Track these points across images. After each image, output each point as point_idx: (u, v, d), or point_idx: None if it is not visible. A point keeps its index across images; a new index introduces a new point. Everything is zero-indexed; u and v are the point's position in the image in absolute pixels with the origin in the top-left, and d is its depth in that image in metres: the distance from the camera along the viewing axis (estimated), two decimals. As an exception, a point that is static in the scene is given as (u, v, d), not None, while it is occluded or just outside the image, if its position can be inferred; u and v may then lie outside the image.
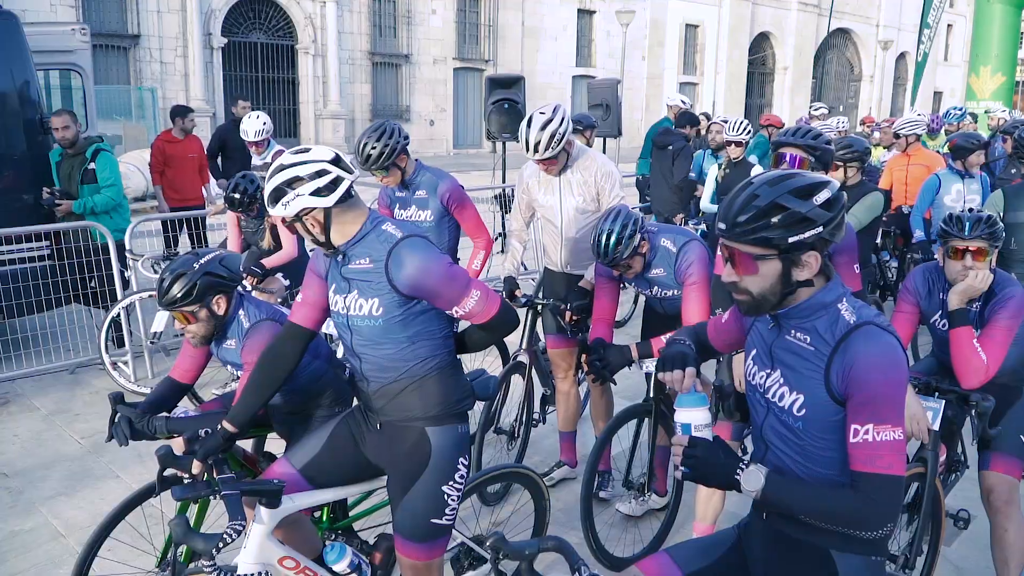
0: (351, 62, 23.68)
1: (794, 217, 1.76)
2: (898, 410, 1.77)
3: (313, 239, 2.35)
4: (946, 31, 43.35)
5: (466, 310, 2.35)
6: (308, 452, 2.57)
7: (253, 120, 6.48)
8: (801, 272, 1.82)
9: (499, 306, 2.41)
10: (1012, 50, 24.46)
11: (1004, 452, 3.19)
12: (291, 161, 2.28)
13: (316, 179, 2.27)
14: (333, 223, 2.31)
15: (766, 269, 1.82)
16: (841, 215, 1.81)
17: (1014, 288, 3.05)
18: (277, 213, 2.28)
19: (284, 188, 2.25)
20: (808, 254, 1.80)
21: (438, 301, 2.33)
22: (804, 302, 1.88)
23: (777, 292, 1.85)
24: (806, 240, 1.77)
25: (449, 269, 2.32)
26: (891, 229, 7.10)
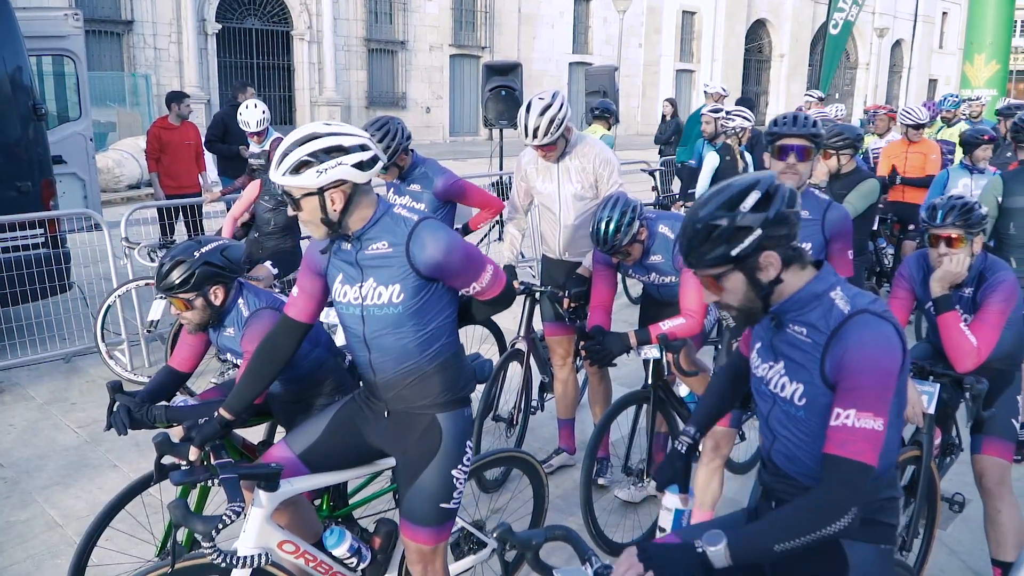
0: (347, 48, 23.57)
1: (728, 231, 1.81)
2: (883, 399, 1.76)
3: (322, 219, 2.24)
4: (941, 19, 43.32)
5: (482, 286, 2.39)
6: (308, 437, 2.57)
7: (253, 111, 6.41)
8: (766, 273, 1.86)
9: (505, 284, 2.47)
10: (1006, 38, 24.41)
11: (996, 435, 3.24)
12: (329, 131, 2.22)
13: (360, 152, 2.23)
14: (354, 203, 2.27)
15: (731, 284, 1.87)
16: (781, 208, 1.82)
17: (1005, 273, 3.09)
18: (304, 182, 2.18)
19: (322, 155, 2.18)
20: (763, 256, 1.83)
21: (457, 280, 2.34)
22: (795, 295, 1.90)
23: (754, 298, 1.89)
24: (749, 247, 1.81)
25: (467, 248, 2.34)
26: (887, 216, 7.11)
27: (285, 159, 2.19)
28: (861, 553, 1.92)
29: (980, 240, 3.12)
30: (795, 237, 1.87)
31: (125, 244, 5.91)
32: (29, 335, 5.99)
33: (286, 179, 2.20)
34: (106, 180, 13.71)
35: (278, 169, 2.21)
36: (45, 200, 6.28)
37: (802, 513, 1.76)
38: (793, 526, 1.74)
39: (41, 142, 6.32)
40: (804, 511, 1.76)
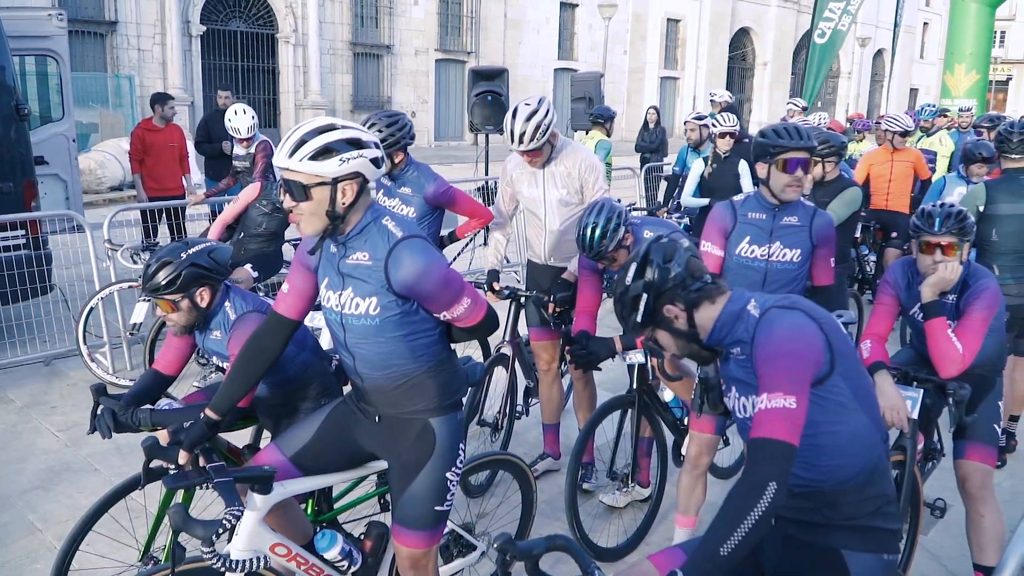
0: (332, 52, 23.52)
1: (629, 302, 2.11)
2: (791, 378, 1.83)
3: (328, 211, 2.21)
4: (922, 29, 43.83)
5: (454, 315, 2.35)
6: (299, 440, 2.56)
7: (243, 117, 6.35)
8: (678, 322, 2.08)
9: (485, 313, 2.42)
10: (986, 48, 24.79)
11: (979, 441, 3.27)
12: (344, 124, 2.22)
13: (375, 148, 2.25)
14: (360, 200, 2.26)
15: (663, 340, 2.13)
16: (657, 268, 2.08)
17: (988, 280, 3.13)
18: (324, 169, 2.15)
19: (345, 145, 2.18)
20: (665, 311, 2.07)
21: (430, 304, 2.31)
22: (717, 324, 2.06)
23: (686, 344, 2.11)
24: (646, 311, 2.07)
25: (446, 275, 2.29)
26: (870, 224, 7.17)
27: (305, 145, 2.16)
28: (863, 564, 1.93)
29: (969, 247, 3.16)
30: (688, 283, 2.07)
31: (108, 246, 5.86)
32: (9, 337, 5.93)
33: (304, 164, 2.16)
34: (88, 181, 13.61)
35: (295, 154, 2.16)
36: (27, 201, 6.22)
37: (729, 504, 1.80)
38: (726, 520, 1.77)
39: (23, 143, 6.26)
40: (731, 500, 1.80)
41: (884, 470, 2.04)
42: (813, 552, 1.97)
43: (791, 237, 3.42)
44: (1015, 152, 4.55)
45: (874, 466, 1.97)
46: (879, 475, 2.00)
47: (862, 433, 1.95)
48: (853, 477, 1.96)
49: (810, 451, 1.91)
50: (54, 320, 6.22)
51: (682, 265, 2.09)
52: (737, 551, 1.73)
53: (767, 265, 3.45)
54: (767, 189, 3.40)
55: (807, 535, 1.97)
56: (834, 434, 1.92)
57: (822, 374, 1.90)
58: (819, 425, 1.90)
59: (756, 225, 3.46)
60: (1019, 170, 4.56)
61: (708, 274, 2.13)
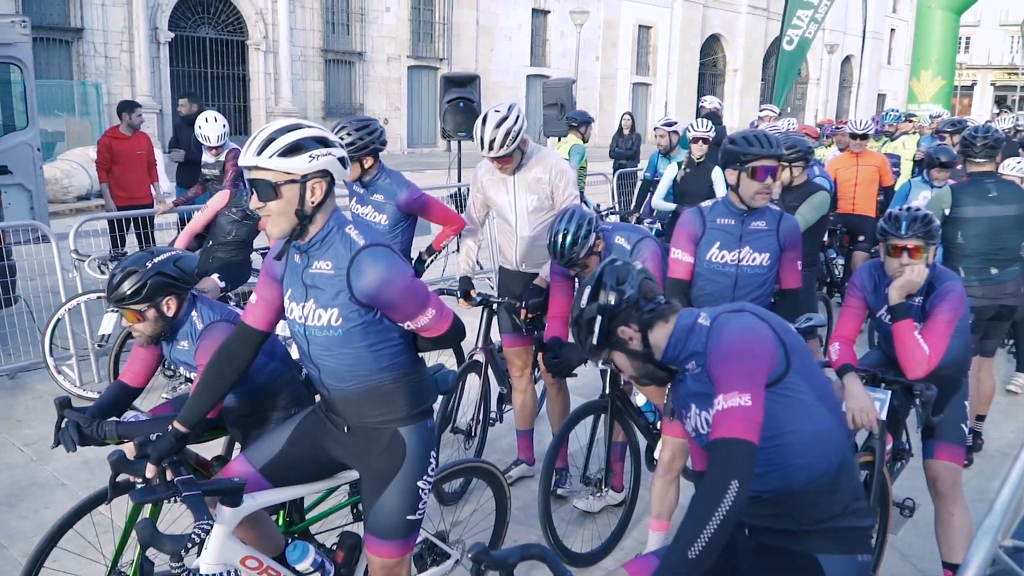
0: (303, 59, 23.41)
1: (585, 325, 2.15)
2: (744, 377, 1.86)
3: (297, 210, 2.21)
4: (889, 35, 44.53)
5: (419, 326, 2.34)
6: (269, 451, 2.53)
7: (213, 125, 6.27)
8: (633, 343, 2.12)
9: (450, 323, 2.40)
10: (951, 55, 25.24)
11: (947, 441, 3.32)
12: (311, 124, 2.24)
13: (341, 149, 2.27)
14: (328, 200, 2.25)
15: (620, 362, 2.17)
16: (610, 291, 2.13)
17: (953, 283, 3.18)
18: (293, 166, 2.16)
19: (313, 142, 2.18)
20: (620, 332, 2.11)
21: (393, 314, 2.29)
22: (671, 342, 2.09)
23: (642, 365, 2.14)
24: (601, 333, 2.11)
25: (410, 284, 2.28)
26: (837, 227, 7.25)
27: (273, 143, 2.16)
28: (838, 567, 1.95)
29: (935, 250, 3.21)
30: (641, 304, 2.11)
31: (74, 256, 5.77)
32: (-28, 350, 5.81)
33: (273, 161, 2.15)
34: (54, 191, 13.40)
35: (264, 152, 2.15)
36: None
37: (694, 507, 1.81)
38: (692, 523, 1.78)
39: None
40: (695, 503, 1.81)
41: (851, 466, 2.06)
42: (788, 559, 1.98)
43: (760, 242, 3.46)
44: (979, 156, 4.63)
45: (841, 462, 1.99)
46: (846, 472, 2.02)
47: (827, 430, 1.97)
48: (822, 476, 1.97)
49: (776, 452, 1.92)
50: (19, 332, 6.10)
51: (635, 287, 2.13)
52: (706, 553, 1.73)
53: (737, 270, 3.48)
54: (736, 195, 3.44)
55: (781, 542, 1.98)
56: (799, 432, 1.94)
57: (779, 372, 1.92)
58: (784, 425, 1.91)
59: (725, 231, 3.49)
60: (984, 174, 4.64)
61: (661, 295, 2.18)
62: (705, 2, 33.93)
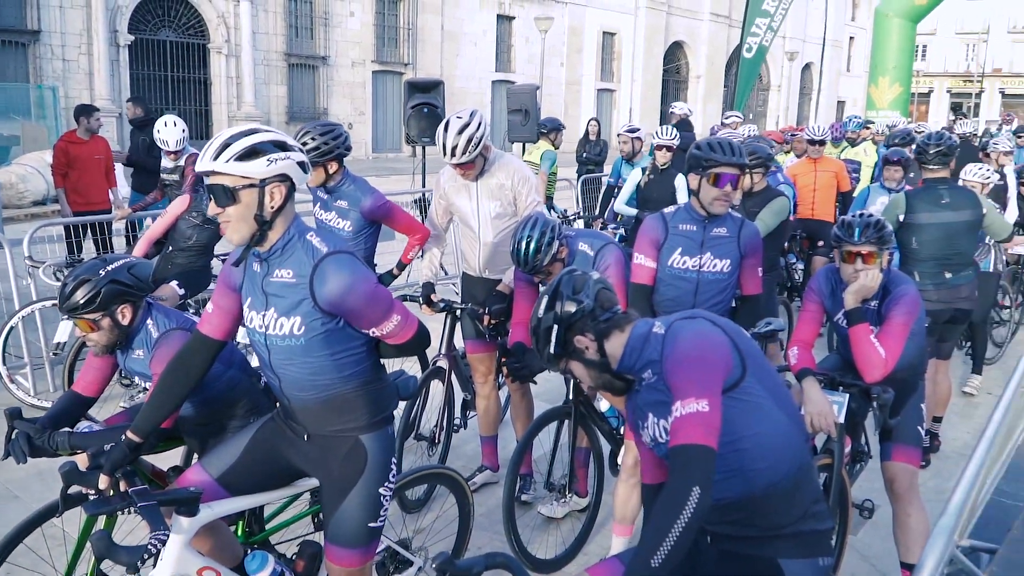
0: (266, 63, 23.17)
1: (542, 335, 2.16)
2: (701, 382, 1.88)
3: (256, 215, 2.18)
4: (848, 43, 45.33)
5: (384, 332, 2.33)
6: (226, 459, 2.49)
7: (172, 129, 6.17)
8: (589, 353, 2.13)
9: (415, 330, 2.40)
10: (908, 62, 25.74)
11: (904, 443, 3.37)
12: (269, 128, 2.23)
13: (300, 153, 2.25)
14: (287, 206, 2.23)
15: (577, 371, 2.19)
16: (566, 301, 2.14)
17: (907, 286, 3.24)
18: (251, 170, 2.13)
19: (271, 146, 2.17)
20: (576, 341, 2.13)
21: (358, 321, 2.28)
22: (627, 350, 2.10)
23: (598, 374, 2.15)
24: (558, 342, 2.13)
25: (374, 291, 2.26)
26: (797, 232, 7.36)
27: (230, 147, 2.14)
28: (800, 570, 1.96)
29: (888, 255, 3.27)
30: (598, 313, 2.12)
31: (29, 263, 5.64)
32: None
33: (230, 165, 2.13)
34: (9, 196, 13.12)
35: (221, 156, 2.13)
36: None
37: (655, 514, 1.81)
38: (654, 531, 1.78)
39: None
40: (656, 511, 1.82)
41: (810, 470, 2.08)
42: (750, 564, 2.00)
43: (721, 248, 3.49)
44: (932, 163, 4.72)
45: (799, 466, 2.00)
46: (805, 475, 2.04)
47: (784, 433, 1.99)
48: (781, 479, 1.98)
49: (735, 457, 1.93)
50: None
51: (591, 297, 2.15)
52: (668, 560, 1.74)
53: (698, 276, 3.51)
54: (697, 201, 3.47)
55: (743, 549, 1.99)
56: (757, 436, 1.95)
57: (735, 377, 1.93)
58: (741, 430, 1.93)
59: (687, 237, 3.52)
60: (938, 180, 4.73)
61: (618, 304, 2.20)
62: (668, 9, 34.26)
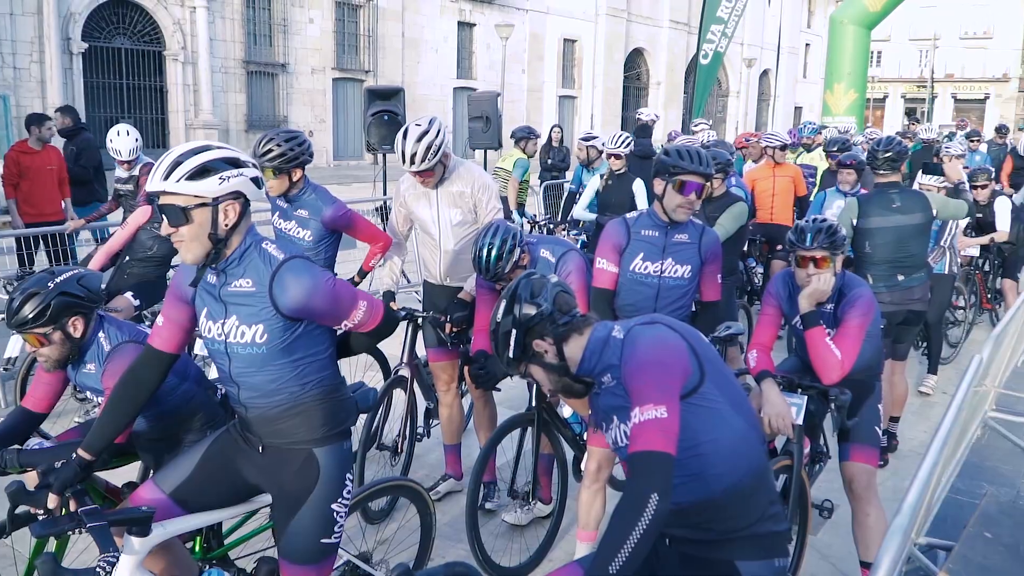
0: (224, 70, 22.90)
1: (501, 338, 2.16)
2: (660, 389, 1.89)
3: (210, 234, 2.16)
4: (804, 50, 46.12)
5: (355, 322, 2.35)
6: (179, 474, 2.45)
7: (125, 139, 6.04)
8: (548, 356, 2.13)
9: (382, 315, 2.43)
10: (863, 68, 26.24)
11: (862, 443, 3.42)
12: (220, 145, 2.20)
13: (254, 168, 2.22)
14: (243, 221, 2.21)
15: (537, 375, 2.19)
16: (524, 305, 2.14)
17: (862, 289, 3.30)
18: (203, 189, 2.11)
19: (223, 164, 2.14)
20: (535, 345, 2.13)
21: (327, 319, 2.29)
22: (586, 354, 2.11)
23: (558, 378, 2.15)
24: (517, 346, 2.13)
25: (335, 287, 2.27)
26: (756, 237, 7.45)
27: (180, 166, 2.11)
28: (756, 571, 1.98)
29: (841, 259, 3.32)
30: (556, 317, 2.12)
31: (-23, 276, 5.51)
32: None
33: (181, 185, 2.10)
34: (-42, 207, 12.77)
35: (171, 176, 2.10)
36: None
37: (615, 520, 1.82)
38: (613, 537, 1.79)
39: None
40: (616, 517, 1.83)
41: (766, 472, 2.10)
42: (708, 567, 2.01)
43: (682, 254, 3.53)
44: (882, 168, 4.81)
45: (756, 470, 2.03)
46: (762, 478, 2.06)
47: (742, 438, 2.01)
48: (738, 483, 2.01)
49: (694, 462, 1.95)
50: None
51: (549, 300, 2.16)
52: (627, 566, 1.75)
53: (660, 281, 3.54)
54: (660, 207, 3.49)
55: (701, 551, 2.01)
56: (715, 441, 1.97)
57: (693, 383, 1.95)
58: (699, 435, 1.94)
59: (649, 242, 3.55)
60: (889, 185, 4.82)
61: (576, 308, 2.20)
62: (628, 17, 34.56)
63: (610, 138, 6.86)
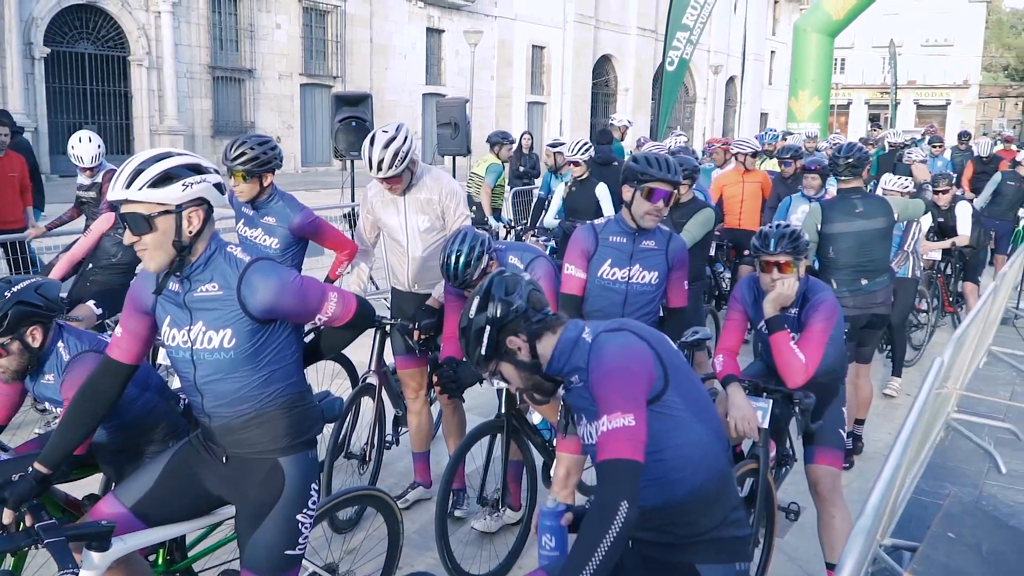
0: (190, 76, 22.65)
1: (473, 336, 2.15)
2: (627, 397, 1.91)
3: (175, 241, 2.14)
4: (770, 57, 46.73)
5: (328, 315, 2.34)
6: (140, 487, 2.40)
7: (87, 145, 5.92)
8: (521, 354, 2.13)
9: (356, 305, 2.43)
10: (826, 75, 26.65)
11: (827, 446, 3.45)
12: (181, 151, 2.19)
13: (216, 174, 2.21)
14: (207, 228, 2.20)
15: (507, 372, 2.18)
16: (500, 302, 2.13)
17: (825, 293, 3.35)
18: (167, 196, 2.09)
19: (185, 170, 2.12)
20: (509, 342, 2.13)
21: (300, 317, 2.29)
22: (555, 353, 2.12)
23: (529, 376, 2.16)
24: (490, 343, 2.12)
25: (302, 284, 2.27)
26: (723, 242, 7.52)
27: (142, 174, 2.09)
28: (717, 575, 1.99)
29: (805, 264, 3.37)
30: (530, 314, 2.13)
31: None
32: None
33: (144, 193, 2.08)
34: (-85, 215, 12.47)
35: (134, 184, 2.08)
36: None
37: (585, 528, 1.84)
38: (584, 545, 1.81)
39: None
40: (586, 525, 1.84)
41: (728, 478, 2.13)
42: (670, 570, 2.03)
43: (649, 260, 3.55)
44: (843, 174, 4.88)
45: (718, 475, 2.05)
46: (724, 484, 2.08)
47: (703, 444, 2.03)
48: (699, 488, 2.04)
49: (656, 467, 1.97)
50: None
51: (523, 297, 2.16)
52: (598, 573, 1.75)
53: (627, 287, 3.56)
54: (628, 213, 3.51)
55: (663, 555, 2.03)
56: (678, 447, 2.00)
57: (657, 390, 1.97)
58: (663, 441, 1.97)
59: (617, 248, 3.57)
60: (851, 190, 4.89)
61: (548, 306, 2.21)
62: (596, 24, 34.78)
63: (570, 145, 6.92)
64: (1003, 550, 2.94)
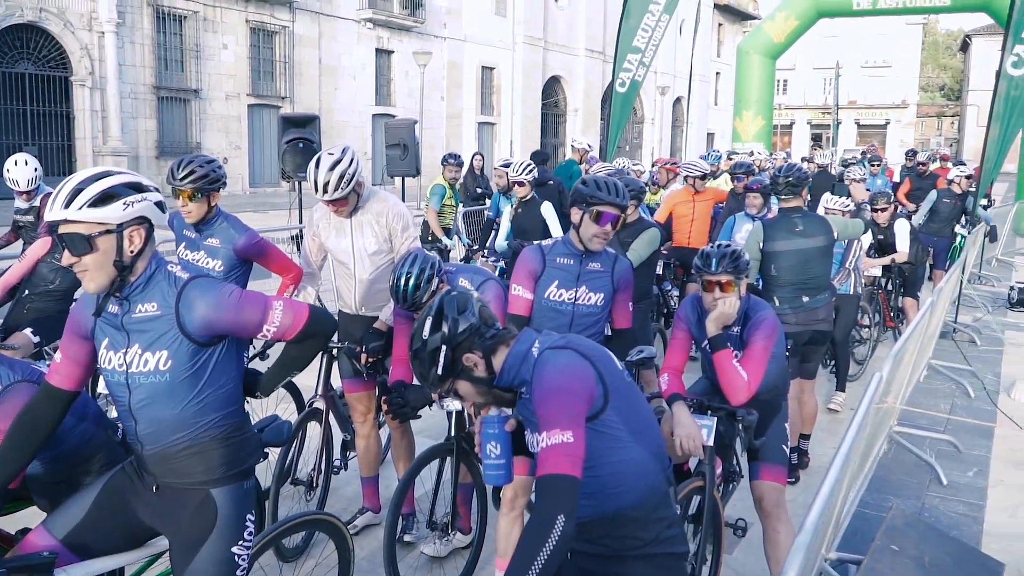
0: (134, 96, 22.27)
1: (427, 356, 2.15)
2: (567, 414, 1.96)
3: (116, 261, 2.11)
4: (715, 78, 47.74)
5: (276, 325, 2.26)
6: (71, 518, 2.33)
7: (24, 169, 5.78)
8: (478, 370, 2.16)
9: (308, 311, 2.34)
10: (769, 96, 27.31)
11: (770, 462, 3.51)
12: (121, 171, 2.15)
13: (157, 192, 2.18)
14: (148, 247, 2.17)
15: (463, 389, 2.18)
16: (452, 321, 2.14)
17: (766, 312, 3.42)
18: (107, 215, 2.06)
19: (126, 189, 2.09)
20: (465, 359, 2.14)
21: (243, 330, 2.23)
22: (505, 366, 2.15)
23: (487, 390, 2.17)
24: (447, 362, 2.13)
25: (241, 297, 2.22)
26: (671, 260, 7.63)
27: (82, 193, 2.05)
28: None
29: (746, 283, 3.43)
30: (483, 330, 2.15)
31: None
32: None
33: (84, 212, 2.04)
34: None
35: (73, 203, 2.04)
36: None
37: (523, 542, 1.87)
38: (522, 558, 1.84)
39: None
40: (524, 539, 1.88)
41: (664, 496, 2.17)
42: None
43: (596, 282, 3.58)
44: (783, 193, 5.01)
45: (652, 492, 2.10)
46: (659, 501, 2.13)
47: (639, 462, 2.09)
48: (635, 505, 2.10)
49: (593, 483, 2.03)
50: None
51: (475, 314, 2.18)
52: None
53: (574, 308, 3.59)
54: (576, 235, 3.54)
55: (598, 567, 2.07)
56: (614, 464, 2.06)
57: (596, 408, 2.02)
58: (599, 458, 2.02)
59: (564, 270, 3.59)
60: (791, 209, 5.01)
61: (498, 320, 2.23)
62: (545, 45, 35.16)
63: (514, 166, 6.99)
64: (945, 561, 3.00)
